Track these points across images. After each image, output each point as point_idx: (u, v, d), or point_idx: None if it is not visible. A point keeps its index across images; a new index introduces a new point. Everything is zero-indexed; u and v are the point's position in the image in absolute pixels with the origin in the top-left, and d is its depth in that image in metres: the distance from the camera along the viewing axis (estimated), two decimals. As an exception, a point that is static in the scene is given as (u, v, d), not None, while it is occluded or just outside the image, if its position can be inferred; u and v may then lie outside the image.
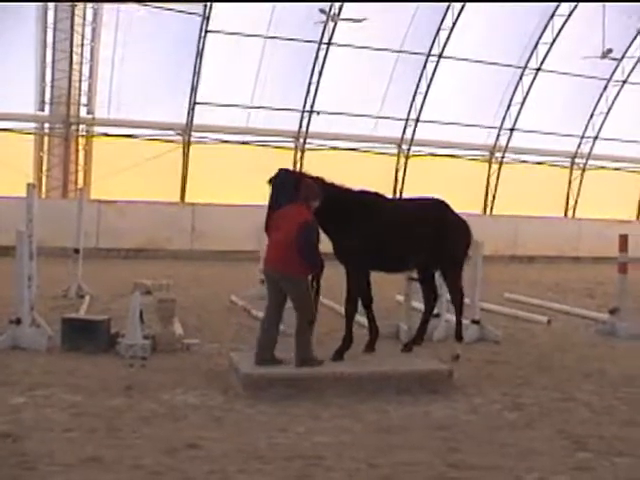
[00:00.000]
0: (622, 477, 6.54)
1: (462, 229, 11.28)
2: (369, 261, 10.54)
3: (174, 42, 30.06)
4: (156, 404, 8.45)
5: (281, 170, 10.55)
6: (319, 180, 10.36)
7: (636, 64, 36.40)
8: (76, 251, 17.56)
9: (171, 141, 31.47)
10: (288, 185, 10.13)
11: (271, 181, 10.43)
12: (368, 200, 10.81)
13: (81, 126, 30.64)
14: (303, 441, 7.29)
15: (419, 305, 14.40)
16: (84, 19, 29.26)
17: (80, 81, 29.83)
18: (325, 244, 10.13)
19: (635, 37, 35.62)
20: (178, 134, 31.39)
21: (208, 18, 29.35)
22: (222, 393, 8.96)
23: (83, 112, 30.38)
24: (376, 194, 11.02)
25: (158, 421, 7.85)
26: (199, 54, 29.96)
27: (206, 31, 29.59)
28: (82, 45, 29.46)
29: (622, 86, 37.09)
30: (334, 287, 11.43)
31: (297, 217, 9.54)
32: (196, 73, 30.31)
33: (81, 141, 30.77)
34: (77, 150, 30.60)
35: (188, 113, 31.06)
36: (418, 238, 10.71)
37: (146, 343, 11.02)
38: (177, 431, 7.50)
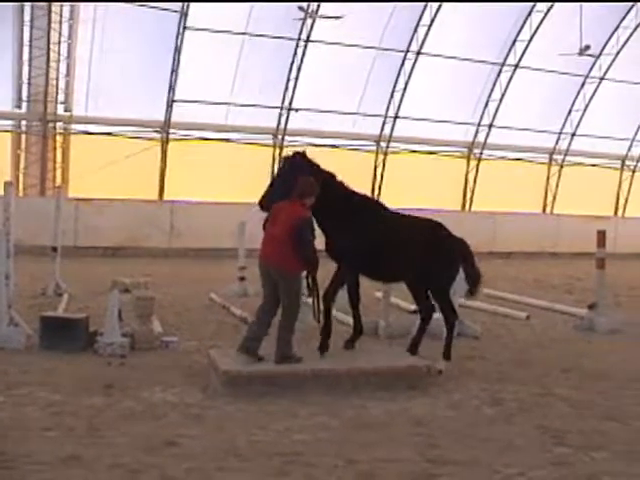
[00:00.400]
0: (601, 471, 6.57)
1: (456, 252, 11.07)
2: (360, 263, 10.54)
3: (152, 39, 29.91)
4: (135, 402, 8.44)
5: (297, 154, 10.55)
6: (330, 177, 10.51)
7: (613, 61, 36.53)
8: (54, 249, 17.47)
9: (149, 139, 31.34)
10: (297, 171, 10.11)
11: (285, 160, 10.49)
12: (369, 205, 10.91)
13: (58, 124, 30.44)
14: (282, 438, 7.29)
15: (397, 301, 14.47)
16: (61, 16, 29.07)
17: (57, 79, 29.64)
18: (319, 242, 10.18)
19: (612, 34, 35.78)
20: (156, 131, 31.26)
21: (186, 15, 29.24)
22: (201, 391, 8.96)
23: (60, 110, 30.17)
24: (377, 201, 11.17)
25: (137, 419, 7.84)
26: (177, 51, 29.83)
27: (184, 28, 29.47)
28: (59, 42, 29.27)
29: (600, 83, 37.23)
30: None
31: (293, 213, 9.54)
32: (174, 70, 30.17)
33: (59, 139, 30.56)
34: (55, 148, 30.41)
35: (166, 110, 30.92)
36: (410, 252, 10.65)
37: (124, 341, 10.99)
38: (156, 429, 7.49)
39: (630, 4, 34.67)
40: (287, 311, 9.59)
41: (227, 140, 32.42)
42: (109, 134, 30.63)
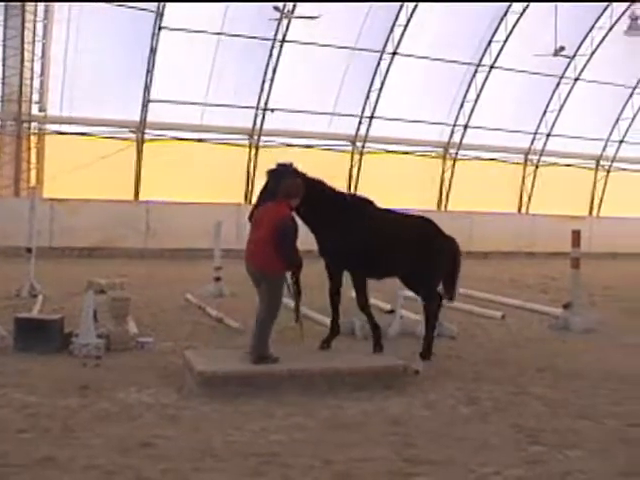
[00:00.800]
0: (575, 469, 6.61)
1: (445, 251, 11.25)
2: (349, 262, 10.67)
3: (127, 39, 29.82)
4: (110, 403, 8.40)
5: (280, 165, 10.64)
6: (317, 182, 10.65)
7: (588, 61, 36.76)
8: (29, 250, 17.38)
9: (125, 139, 31.23)
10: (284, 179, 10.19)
11: (270, 173, 10.60)
12: (360, 203, 11.01)
13: (33, 124, 30.30)
14: (258, 439, 7.28)
15: (374, 302, 14.45)
16: (35, 15, 28.93)
17: (32, 78, 29.48)
18: (306, 243, 10.23)
19: (587, 35, 35.98)
20: (132, 132, 31.17)
21: (162, 15, 29.16)
22: (177, 391, 8.94)
23: (35, 110, 30.04)
24: (367, 200, 11.14)
25: (112, 420, 7.80)
26: (152, 51, 29.74)
27: (159, 28, 29.39)
28: (33, 42, 29.12)
29: (574, 83, 37.44)
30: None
31: (276, 214, 9.57)
32: (149, 70, 30.08)
33: (33, 139, 30.42)
34: (29, 148, 30.26)
35: (142, 110, 30.83)
36: (400, 249, 10.80)
37: (100, 342, 10.94)
38: (131, 430, 7.46)
39: (604, 5, 34.87)
40: (266, 311, 9.61)
41: (202, 140, 32.37)
42: (84, 134, 30.49)
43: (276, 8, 30.07)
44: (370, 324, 11.02)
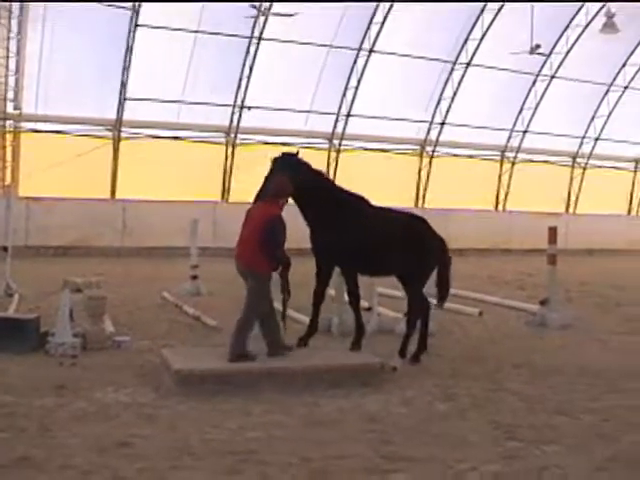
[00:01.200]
0: (552, 465, 6.63)
1: (435, 247, 11.31)
2: (343, 259, 10.79)
3: (103, 36, 29.63)
4: (87, 403, 8.37)
5: (285, 154, 10.80)
6: (318, 174, 10.97)
7: (564, 59, 36.91)
8: (4, 249, 17.30)
9: (101, 137, 31.08)
10: (286, 170, 10.44)
11: (274, 161, 10.84)
12: (354, 201, 11.07)
13: (8, 122, 30.05)
14: (235, 436, 7.28)
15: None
16: (10, 12, 28.72)
17: (6, 76, 29.26)
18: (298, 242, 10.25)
19: (562, 33, 36.13)
20: (108, 130, 31.03)
21: (138, 13, 29.04)
22: (153, 390, 8.91)
23: (10, 108, 29.82)
24: (362, 197, 11.20)
25: (89, 420, 7.77)
26: (129, 48, 29.61)
27: (136, 25, 29.26)
28: (8, 39, 28.90)
29: (550, 81, 37.60)
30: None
31: (264, 213, 9.67)
32: (126, 68, 29.95)
33: (8, 137, 30.19)
34: (4, 146, 30.03)
35: (118, 108, 30.70)
36: (394, 247, 10.83)
37: (76, 341, 10.89)
38: (108, 429, 7.43)
39: (580, 3, 35.03)
40: (248, 309, 9.68)
41: (179, 138, 32.25)
42: (60, 132, 30.32)
43: (253, 6, 30.02)
44: (356, 322, 11.00)
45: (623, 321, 15.40)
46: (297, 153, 11.10)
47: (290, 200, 10.37)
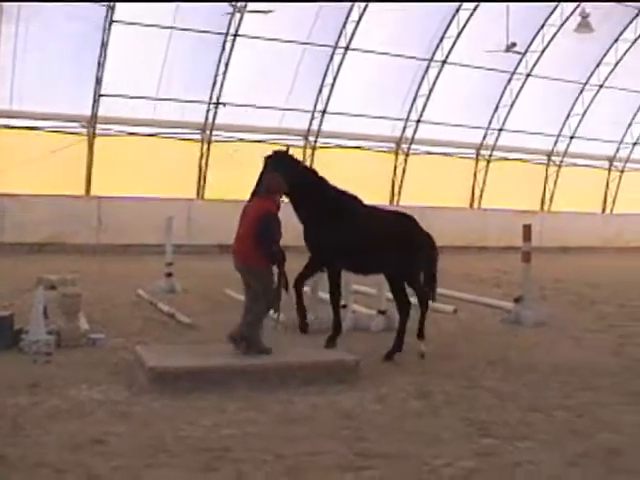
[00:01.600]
0: (525, 461, 6.67)
1: (425, 244, 11.47)
2: (336, 256, 10.81)
3: (78, 32, 29.45)
4: (61, 400, 8.33)
5: (276, 152, 10.83)
6: (312, 173, 11.15)
7: (539, 58, 37.09)
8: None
9: (76, 133, 30.93)
10: (279, 168, 10.48)
11: (267, 159, 10.83)
12: (346, 200, 11.13)
13: (-18, 118, 29.95)
14: (210, 434, 7.27)
15: (326, 296, 14.46)
16: (-17, 9, 28.55)
17: (-20, 72, 29.12)
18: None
19: (538, 32, 36.29)
20: (83, 126, 30.89)
21: (113, 8, 28.91)
22: (128, 388, 8.88)
23: (-16, 104, 29.70)
24: (355, 197, 11.28)
25: (63, 417, 7.74)
26: (104, 45, 29.48)
27: (111, 21, 29.14)
28: (-19, 35, 28.76)
29: (526, 79, 37.76)
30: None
31: (259, 209, 9.75)
32: (101, 64, 29.82)
33: (-18, 134, 30.07)
34: (-22, 143, 29.90)
35: (93, 105, 30.56)
36: (384, 245, 10.93)
37: (50, 339, 10.83)
38: (83, 427, 7.40)
39: (555, 4, 35.21)
40: (258, 305, 9.77)
41: (154, 135, 32.16)
42: (34, 128, 30.13)
43: (229, 2, 29.99)
44: (334, 321, 11.01)
45: (597, 319, 15.50)
46: (288, 150, 11.15)
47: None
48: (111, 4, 28.68)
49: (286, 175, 10.27)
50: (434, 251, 11.65)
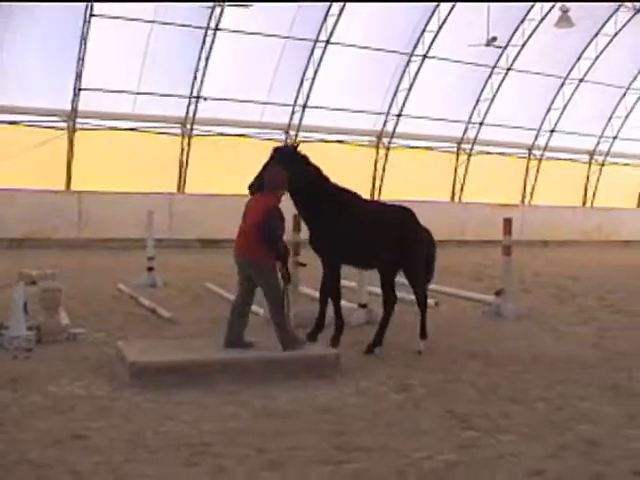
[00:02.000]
0: (506, 453, 6.70)
1: (424, 238, 11.70)
2: (340, 253, 10.88)
3: (58, 26, 29.33)
4: (41, 396, 8.29)
5: (286, 146, 10.87)
6: (316, 170, 10.96)
7: (519, 52, 37.19)
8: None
9: (56, 127, 30.81)
10: (285, 162, 10.44)
11: (275, 151, 10.84)
12: (348, 197, 11.20)
13: (-39, 113, 29.78)
14: (191, 429, 7.26)
15: (306, 290, 14.48)
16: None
17: (-41, 66, 28.94)
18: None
19: (518, 26, 36.38)
20: (63, 120, 30.76)
21: (93, 2, 28.78)
22: (109, 383, 8.85)
23: (-37, 98, 29.52)
24: (355, 194, 11.39)
25: (44, 413, 7.71)
26: (83, 38, 29.35)
27: (91, 15, 29.01)
28: (-41, 29, 28.58)
29: (506, 73, 37.87)
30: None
31: (262, 205, 9.76)
32: (81, 58, 29.69)
33: (-38, 128, 29.91)
34: (-43, 137, 29.72)
35: (73, 99, 30.44)
36: (386, 239, 11.04)
37: (30, 334, 10.79)
38: (63, 423, 7.38)
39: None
40: (270, 300, 9.85)
41: (135, 129, 32.07)
42: (14, 123, 30.01)
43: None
44: (319, 316, 10.97)
45: (577, 312, 15.57)
46: (297, 145, 11.22)
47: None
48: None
49: (291, 174, 10.21)
50: (433, 247, 11.85)
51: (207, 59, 31.65)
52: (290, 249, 10.00)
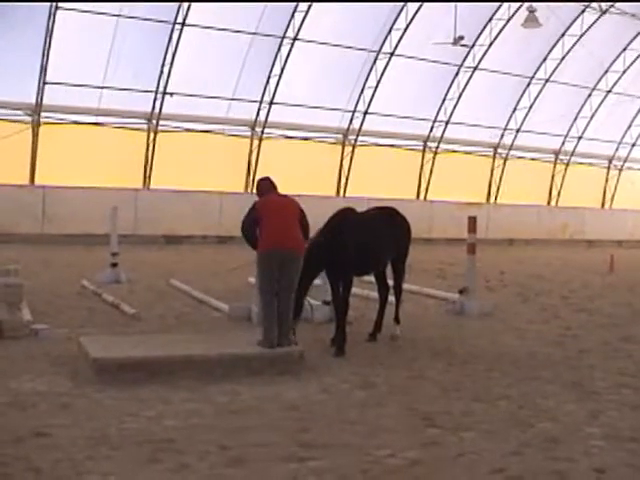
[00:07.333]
0: (469, 451, 6.72)
1: (409, 230, 12.52)
2: (357, 268, 11.39)
3: (23, 20, 29.13)
4: (2, 393, 8.22)
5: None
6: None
7: (487, 51, 37.39)
8: None
9: (20, 121, 30.56)
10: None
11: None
12: (349, 215, 11.52)
13: None
14: (153, 425, 7.22)
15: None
16: None
17: None
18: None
19: (485, 25, 36.56)
20: (27, 114, 30.53)
21: (59, 1, 28.57)
22: (71, 379, 8.79)
23: None
24: (352, 209, 11.74)
25: (4, 410, 7.63)
26: (49, 32, 29.13)
27: (56, 8, 28.80)
28: None
29: (473, 72, 38.06)
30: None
31: (291, 200, 10.31)
32: (46, 52, 29.47)
33: None
34: None
35: (37, 93, 30.22)
36: (390, 241, 11.89)
37: (-8, 330, 10.72)
38: (24, 420, 7.31)
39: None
40: (292, 292, 10.08)
41: (100, 124, 31.90)
42: (-23, 117, 29.80)
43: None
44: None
45: (540, 310, 15.67)
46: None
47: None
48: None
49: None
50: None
51: (174, 54, 31.55)
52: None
